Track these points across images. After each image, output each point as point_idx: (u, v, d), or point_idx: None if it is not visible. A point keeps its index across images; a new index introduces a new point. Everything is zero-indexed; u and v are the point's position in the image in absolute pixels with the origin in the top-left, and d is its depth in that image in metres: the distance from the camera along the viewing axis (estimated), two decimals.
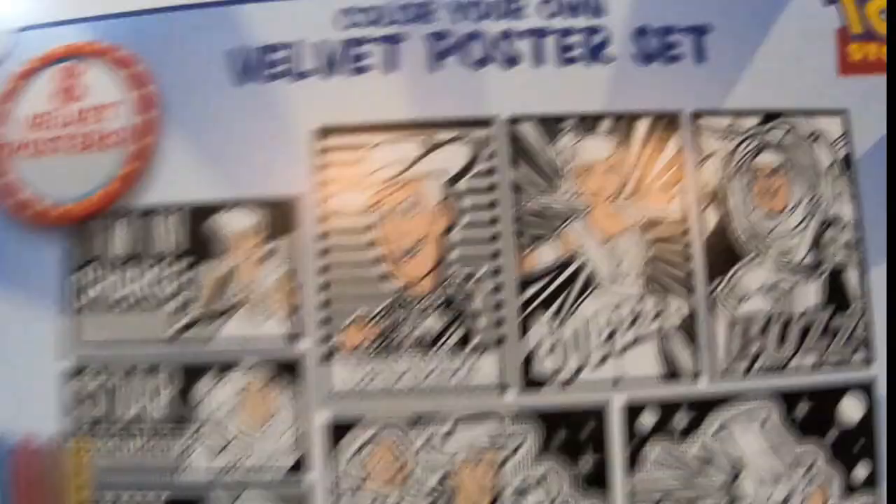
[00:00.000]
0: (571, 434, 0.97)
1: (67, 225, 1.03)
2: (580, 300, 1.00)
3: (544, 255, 1.00)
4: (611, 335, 0.99)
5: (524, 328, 0.98)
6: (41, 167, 1.03)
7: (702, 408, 0.99)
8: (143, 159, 1.02)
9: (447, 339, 0.98)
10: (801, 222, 1.05)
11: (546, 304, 0.99)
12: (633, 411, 0.98)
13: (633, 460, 0.97)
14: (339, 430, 0.97)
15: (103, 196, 1.03)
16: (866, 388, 1.03)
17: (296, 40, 1.03)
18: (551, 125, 1.02)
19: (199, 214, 1.02)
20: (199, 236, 1.01)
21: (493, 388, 0.97)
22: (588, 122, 1.02)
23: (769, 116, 1.05)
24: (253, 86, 1.03)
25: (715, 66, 1.04)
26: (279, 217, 1.00)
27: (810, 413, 1.02)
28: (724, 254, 1.02)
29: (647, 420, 0.98)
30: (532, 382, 0.97)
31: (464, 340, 0.98)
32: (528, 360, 0.98)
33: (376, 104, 1.02)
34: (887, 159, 1.03)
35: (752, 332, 1.02)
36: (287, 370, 0.98)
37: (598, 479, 0.96)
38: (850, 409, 1.03)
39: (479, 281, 0.99)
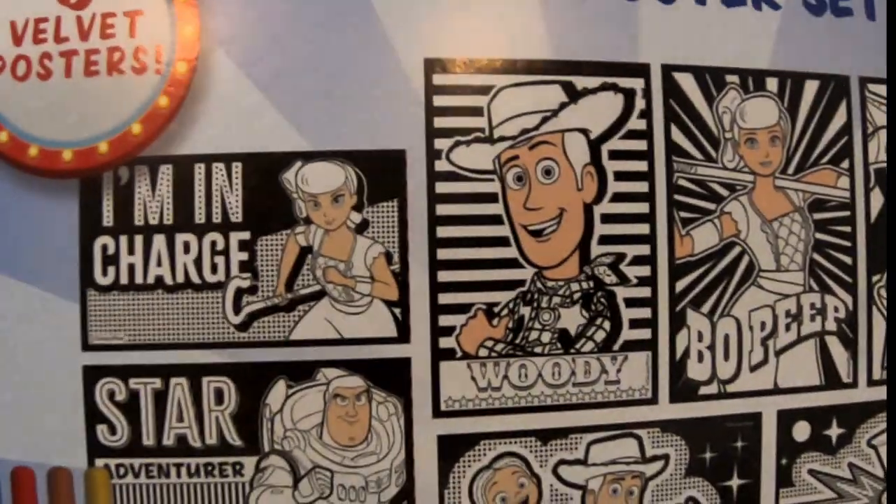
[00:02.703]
0: (721, 449, 0.63)
1: (78, 178, 0.58)
2: (738, 294, 0.64)
3: (703, 239, 0.63)
4: (768, 336, 0.65)
5: (677, 327, 0.62)
6: (34, 96, 0.57)
7: (856, 418, 0.68)
8: (187, 87, 0.57)
9: (588, 337, 0.61)
10: None
11: (702, 297, 0.63)
12: (787, 423, 0.65)
13: (786, 476, 0.65)
14: (454, 452, 0.59)
15: (129, 139, 0.58)
16: None
17: None
18: (715, 78, 0.64)
19: (270, 169, 0.59)
20: (268, 198, 0.59)
21: (640, 397, 0.61)
22: (753, 79, 0.65)
23: None
24: None
25: (883, 27, 0.69)
26: (378, 176, 0.59)
27: None
28: (886, 244, 0.69)
29: (801, 433, 0.66)
30: (682, 391, 0.62)
31: (607, 340, 0.61)
32: (678, 365, 0.62)
33: (507, 35, 0.61)
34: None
35: None
36: (389, 376, 0.58)
37: (748, 499, 0.63)
38: None
39: (627, 268, 0.62)
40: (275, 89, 0.65)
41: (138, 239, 0.64)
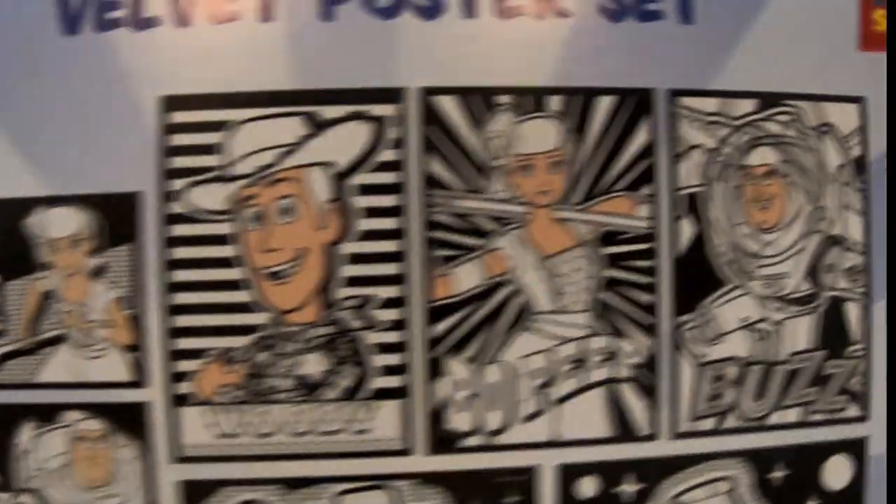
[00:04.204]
0: None
1: None
2: (508, 338, 0.54)
3: (463, 279, 0.53)
4: (546, 384, 0.54)
5: (434, 374, 0.53)
6: None
7: (657, 473, 0.55)
8: None
9: (332, 385, 0.53)
10: (796, 242, 0.59)
11: (463, 342, 0.53)
12: (570, 478, 0.54)
13: None
14: (196, 498, 0.53)
15: None
16: (856, 450, 0.59)
17: None
18: (482, 101, 0.53)
19: (13, 214, 0.54)
20: (13, 243, 0.54)
21: (393, 448, 0.52)
22: (532, 99, 0.53)
23: (767, 102, 0.57)
24: (80, 37, 0.53)
25: (703, 32, 0.55)
26: (113, 220, 0.53)
27: (788, 479, 0.59)
28: (698, 280, 0.56)
29: (587, 489, 0.55)
30: (442, 442, 0.53)
31: (354, 388, 0.52)
32: (437, 415, 0.53)
33: (245, 66, 0.52)
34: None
35: (724, 381, 0.57)
36: (129, 420, 0.53)
37: None
38: (836, 474, 0.60)
39: (376, 311, 0.53)
40: (17, 131, 0.61)
41: None
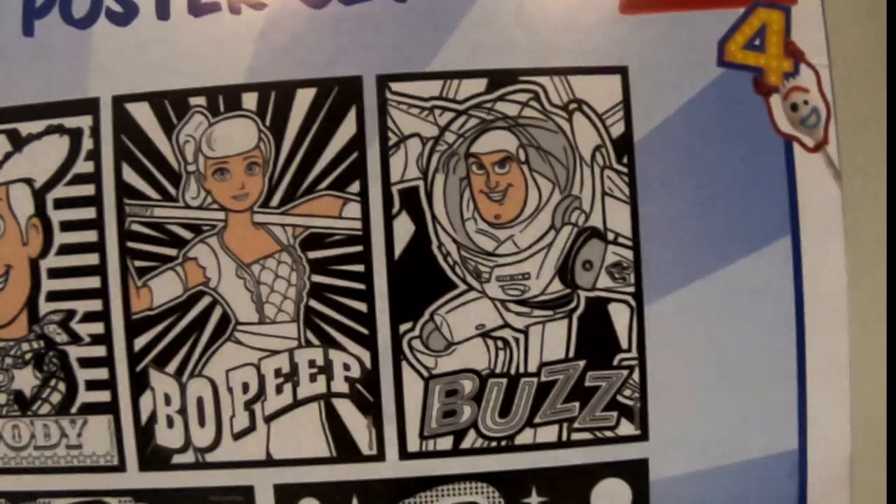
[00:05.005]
0: None
1: None
2: (211, 351, 0.50)
3: (162, 290, 0.50)
4: (255, 399, 0.49)
5: (140, 389, 0.50)
6: None
7: (386, 497, 0.49)
8: None
9: (44, 399, 0.51)
10: (542, 237, 0.51)
11: (166, 356, 0.50)
12: (288, 499, 0.49)
13: None
14: None
15: None
16: (632, 473, 0.50)
17: None
18: (173, 105, 0.49)
19: None
20: None
21: (106, 464, 0.50)
22: (225, 98, 0.49)
23: (499, 80, 0.49)
24: None
25: (419, 8, 0.49)
26: None
27: None
28: (420, 284, 0.50)
29: None
30: (154, 458, 0.50)
31: (64, 402, 0.50)
32: (147, 430, 0.49)
33: None
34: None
35: (461, 395, 0.50)
36: None
37: None
38: (608, 501, 0.51)
39: (78, 325, 0.51)
40: None
41: None
